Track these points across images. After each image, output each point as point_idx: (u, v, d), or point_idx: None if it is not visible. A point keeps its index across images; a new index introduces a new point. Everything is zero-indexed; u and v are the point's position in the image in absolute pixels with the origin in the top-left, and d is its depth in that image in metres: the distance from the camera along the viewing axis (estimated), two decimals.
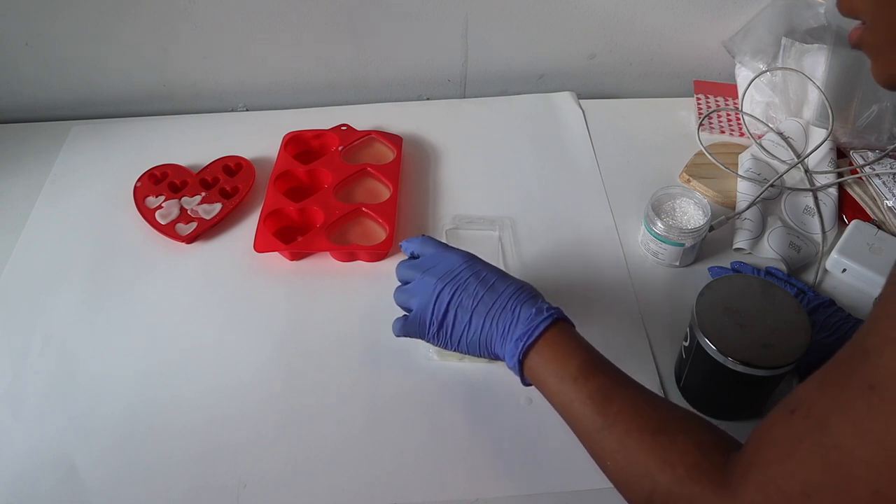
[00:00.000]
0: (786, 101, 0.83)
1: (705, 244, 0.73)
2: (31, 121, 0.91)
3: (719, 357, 0.53)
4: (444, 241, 0.75)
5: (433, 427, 0.61)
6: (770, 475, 0.37)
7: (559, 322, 0.53)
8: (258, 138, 0.86)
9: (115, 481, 0.58)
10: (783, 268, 0.71)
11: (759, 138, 0.83)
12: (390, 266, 0.73)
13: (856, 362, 0.35)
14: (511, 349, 0.52)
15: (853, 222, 0.74)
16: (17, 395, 0.64)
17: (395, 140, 0.84)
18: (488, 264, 0.57)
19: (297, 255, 0.74)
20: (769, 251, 0.72)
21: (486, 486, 0.58)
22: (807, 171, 0.80)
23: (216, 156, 0.83)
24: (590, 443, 0.48)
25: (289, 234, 0.75)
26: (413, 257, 0.61)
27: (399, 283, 0.60)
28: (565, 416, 0.50)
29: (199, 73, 0.91)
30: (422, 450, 0.60)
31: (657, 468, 0.43)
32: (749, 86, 0.84)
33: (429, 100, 0.97)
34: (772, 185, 0.77)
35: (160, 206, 0.78)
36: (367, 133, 0.85)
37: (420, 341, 0.62)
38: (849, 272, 0.71)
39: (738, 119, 0.88)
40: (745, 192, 0.77)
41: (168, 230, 0.76)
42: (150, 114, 0.92)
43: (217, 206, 0.78)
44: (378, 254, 0.73)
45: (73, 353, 0.67)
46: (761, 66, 0.84)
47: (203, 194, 0.79)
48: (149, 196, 0.79)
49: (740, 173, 0.79)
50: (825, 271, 0.73)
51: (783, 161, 0.80)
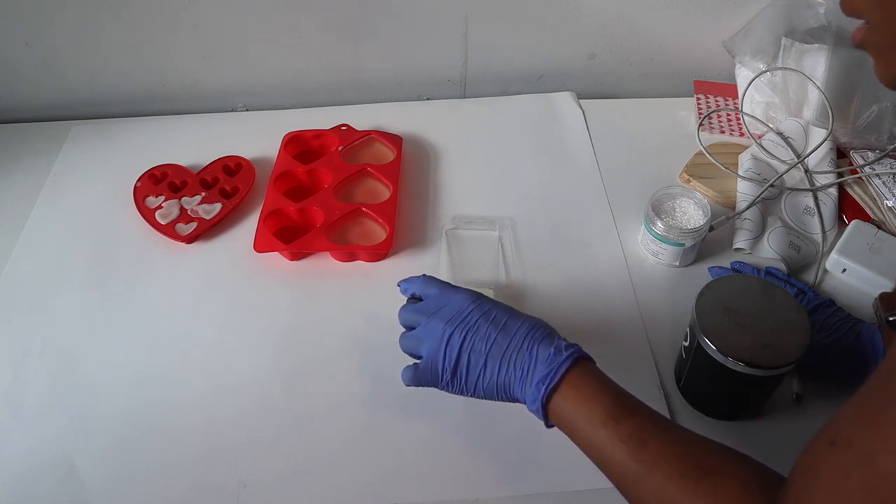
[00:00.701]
0: (786, 101, 0.83)
1: (705, 244, 0.73)
2: (31, 121, 0.91)
3: (719, 357, 0.53)
4: (443, 241, 0.75)
5: (433, 427, 0.61)
6: None
7: (581, 360, 0.50)
8: (258, 138, 0.86)
9: (115, 481, 0.58)
10: (783, 268, 0.71)
11: (759, 138, 0.83)
12: (390, 266, 0.74)
13: (891, 388, 0.34)
14: (533, 393, 0.49)
15: (853, 222, 0.74)
16: (17, 395, 0.64)
17: (395, 140, 0.84)
18: (497, 302, 0.54)
19: (297, 255, 0.74)
20: (769, 251, 0.72)
21: (486, 486, 0.58)
22: (807, 171, 0.80)
23: (216, 156, 0.83)
24: (626, 489, 0.46)
25: (289, 234, 0.75)
26: (414, 298, 0.59)
27: (403, 329, 0.57)
28: (597, 461, 0.47)
29: (199, 73, 0.91)
30: (422, 450, 0.60)
31: None
32: (749, 86, 0.84)
33: (429, 100, 0.97)
34: (772, 186, 0.77)
35: (160, 206, 0.78)
36: (367, 133, 0.85)
37: (401, 379, 0.61)
38: (849, 272, 0.71)
39: (738, 119, 0.88)
40: (745, 192, 0.77)
41: (168, 230, 0.76)
42: (150, 114, 0.92)
43: (217, 206, 0.78)
44: (378, 254, 0.73)
45: (73, 354, 0.67)
46: (761, 66, 0.84)
47: (203, 194, 0.79)
48: (149, 196, 0.79)
49: (740, 173, 0.79)
50: (825, 271, 0.73)
51: (783, 161, 0.80)
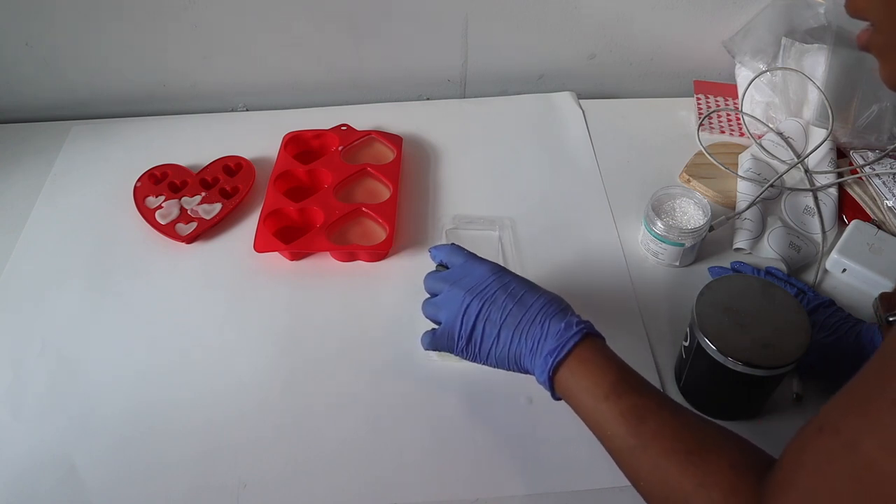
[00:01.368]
0: (786, 101, 0.83)
1: (705, 244, 0.73)
2: (31, 121, 0.91)
3: (719, 357, 0.53)
4: (444, 241, 0.75)
5: (433, 427, 0.61)
6: (804, 497, 0.36)
7: (589, 337, 0.51)
8: (258, 138, 0.86)
9: (116, 481, 0.58)
10: (783, 268, 0.71)
11: (759, 138, 0.83)
12: (390, 266, 0.74)
13: (882, 379, 0.34)
14: (541, 364, 0.51)
15: (853, 222, 0.74)
16: (17, 395, 0.64)
17: (395, 140, 0.84)
18: (517, 276, 0.56)
19: (297, 255, 0.74)
20: (769, 251, 0.72)
21: (486, 486, 0.58)
22: (807, 171, 0.80)
23: (216, 156, 0.83)
24: (623, 461, 0.47)
25: (289, 234, 0.75)
26: (441, 266, 0.60)
27: (427, 296, 0.59)
28: (597, 434, 0.49)
29: (199, 73, 0.91)
30: (422, 450, 0.60)
31: (692, 491, 0.42)
32: (749, 86, 0.84)
33: (429, 100, 0.97)
34: (772, 186, 0.77)
35: (160, 206, 0.78)
36: (367, 133, 0.85)
37: (418, 341, 0.62)
38: (849, 272, 0.71)
39: (738, 119, 0.88)
40: (744, 192, 0.77)
41: (168, 230, 0.76)
42: (150, 114, 0.92)
43: (217, 206, 0.78)
44: (378, 254, 0.73)
45: (72, 354, 0.67)
46: (761, 66, 0.84)
47: (203, 194, 0.79)
48: (149, 196, 0.79)
49: (740, 173, 0.79)
50: (825, 271, 0.73)
51: (783, 161, 0.80)
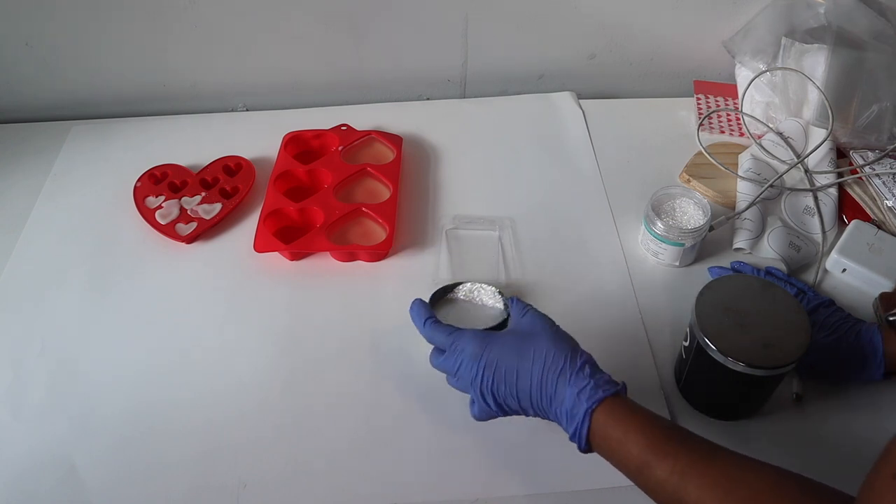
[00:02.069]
0: (786, 101, 0.83)
1: (705, 244, 0.73)
2: (31, 121, 0.91)
3: (719, 357, 0.53)
4: (443, 241, 0.75)
5: (433, 427, 0.61)
6: None
7: (599, 407, 0.48)
8: (258, 138, 0.86)
9: (116, 481, 0.58)
10: (783, 268, 0.71)
11: (759, 138, 0.83)
12: (390, 266, 0.74)
13: None
14: (570, 439, 0.50)
15: (853, 222, 0.74)
16: (18, 395, 0.64)
17: (395, 140, 0.84)
18: (502, 345, 0.53)
19: (297, 255, 0.74)
20: (769, 251, 0.72)
21: (486, 486, 0.58)
22: (807, 171, 0.80)
23: (216, 156, 0.83)
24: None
25: (289, 234, 0.75)
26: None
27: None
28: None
29: (199, 73, 0.91)
30: (422, 450, 0.60)
31: None
32: (749, 86, 0.84)
33: (429, 100, 0.97)
34: (771, 186, 0.77)
35: (160, 206, 0.78)
36: (367, 133, 0.85)
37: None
38: (849, 272, 0.71)
39: (737, 119, 0.88)
40: (744, 192, 0.77)
41: (168, 230, 0.76)
42: (150, 114, 0.92)
43: (217, 206, 0.78)
44: (378, 254, 0.73)
45: (72, 353, 0.67)
46: (761, 66, 0.84)
47: (203, 194, 0.79)
48: (149, 196, 0.79)
49: (740, 174, 0.79)
50: (825, 271, 0.73)
51: (783, 161, 0.80)
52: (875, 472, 0.36)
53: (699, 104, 0.91)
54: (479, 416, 0.54)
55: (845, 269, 0.71)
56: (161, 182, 0.81)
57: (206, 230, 0.76)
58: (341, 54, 0.90)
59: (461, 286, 0.67)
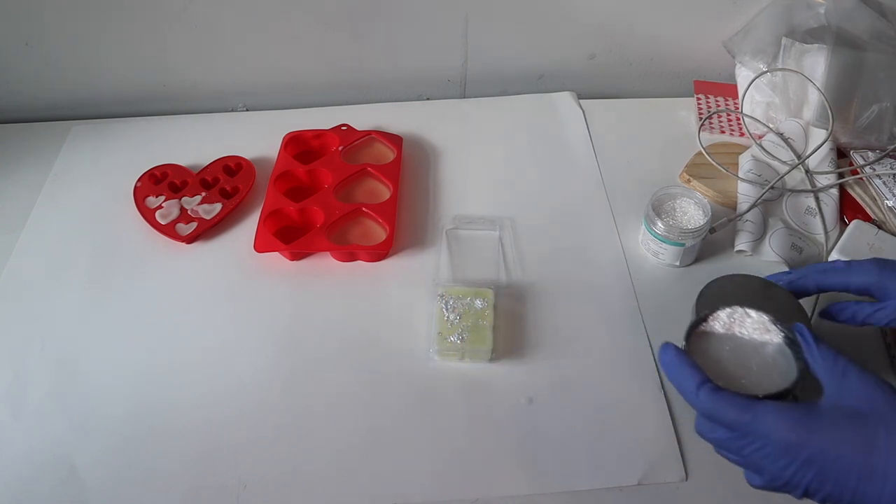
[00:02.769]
0: (786, 101, 0.83)
1: (706, 244, 0.73)
2: (31, 121, 0.91)
3: None
4: (443, 241, 0.75)
5: (433, 427, 0.61)
6: None
7: None
8: (258, 138, 0.86)
9: (116, 481, 0.58)
10: (784, 268, 0.71)
11: (760, 139, 0.83)
12: (390, 266, 0.74)
13: None
14: None
15: (853, 222, 0.74)
16: (18, 395, 0.64)
17: (395, 140, 0.84)
18: (832, 439, 0.40)
19: (297, 255, 0.74)
20: (771, 253, 0.72)
21: (486, 486, 0.58)
22: (808, 171, 0.80)
23: (216, 156, 0.83)
24: None
25: (289, 234, 0.75)
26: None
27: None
28: None
29: (199, 73, 0.91)
30: (422, 450, 0.60)
31: None
32: (749, 86, 0.84)
33: (429, 100, 0.97)
34: (772, 187, 0.77)
35: (160, 206, 0.78)
36: (367, 133, 0.85)
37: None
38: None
39: (738, 119, 0.88)
40: (745, 193, 0.77)
41: (168, 230, 0.76)
42: (149, 114, 0.92)
43: (217, 206, 0.78)
44: (378, 254, 0.73)
45: (73, 354, 0.67)
46: (761, 67, 0.84)
47: (203, 194, 0.79)
48: (149, 196, 0.79)
49: (740, 175, 0.79)
50: None
51: (784, 162, 0.80)
52: None
53: (699, 104, 0.91)
54: (763, 487, 0.44)
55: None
56: (161, 182, 0.81)
57: (207, 230, 0.76)
58: (341, 54, 0.90)
59: (717, 315, 0.51)
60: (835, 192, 0.78)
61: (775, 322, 0.49)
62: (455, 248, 0.75)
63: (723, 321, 0.50)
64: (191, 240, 0.75)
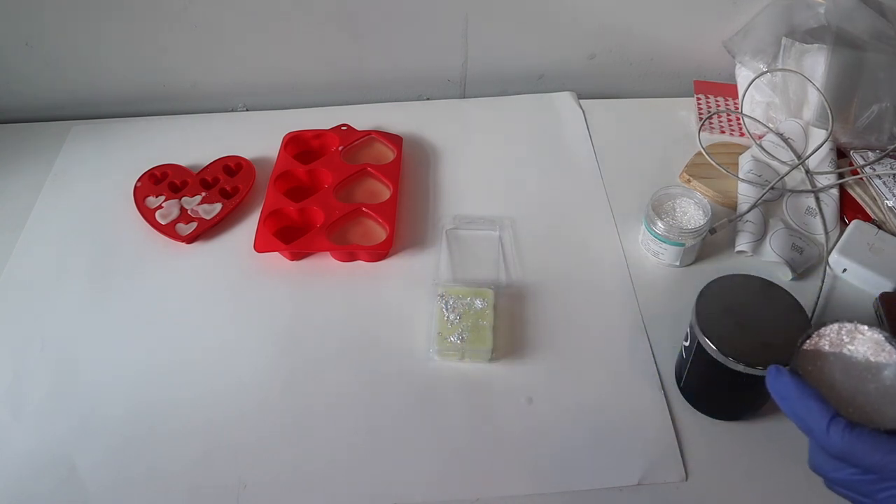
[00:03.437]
0: (786, 101, 0.83)
1: (706, 245, 0.73)
2: (31, 121, 0.91)
3: (719, 357, 0.53)
4: (443, 241, 0.75)
5: (433, 427, 0.61)
6: None
7: None
8: (258, 138, 0.86)
9: (116, 481, 0.58)
10: (786, 270, 0.71)
11: (760, 139, 0.83)
12: (390, 266, 0.74)
13: None
14: None
15: (853, 222, 0.74)
16: (18, 396, 0.64)
17: (395, 140, 0.84)
18: None
19: (297, 255, 0.74)
20: (771, 254, 0.72)
21: (486, 486, 0.58)
22: (808, 172, 0.80)
23: (216, 156, 0.83)
24: None
25: (289, 234, 0.75)
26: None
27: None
28: None
29: (199, 73, 0.91)
30: (422, 450, 0.60)
31: None
32: (749, 86, 0.84)
33: (429, 100, 0.97)
34: (772, 188, 0.77)
35: (160, 206, 0.78)
36: (367, 133, 0.85)
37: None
38: (849, 272, 0.71)
39: (738, 119, 0.88)
40: (746, 194, 0.77)
41: (168, 230, 0.76)
42: (150, 114, 0.92)
43: (217, 206, 0.78)
44: (378, 254, 0.73)
45: (73, 354, 0.67)
46: (761, 67, 0.84)
47: (203, 194, 0.79)
48: (149, 196, 0.79)
49: (741, 175, 0.79)
50: (831, 272, 0.72)
51: (784, 162, 0.80)
52: None
53: (699, 104, 0.91)
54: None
55: (846, 270, 0.71)
56: (161, 182, 0.81)
57: (207, 230, 0.76)
58: (341, 54, 0.90)
59: (824, 331, 0.45)
60: (835, 192, 0.78)
61: (891, 340, 0.43)
62: (455, 248, 0.75)
63: (830, 338, 0.44)
64: (191, 240, 0.75)
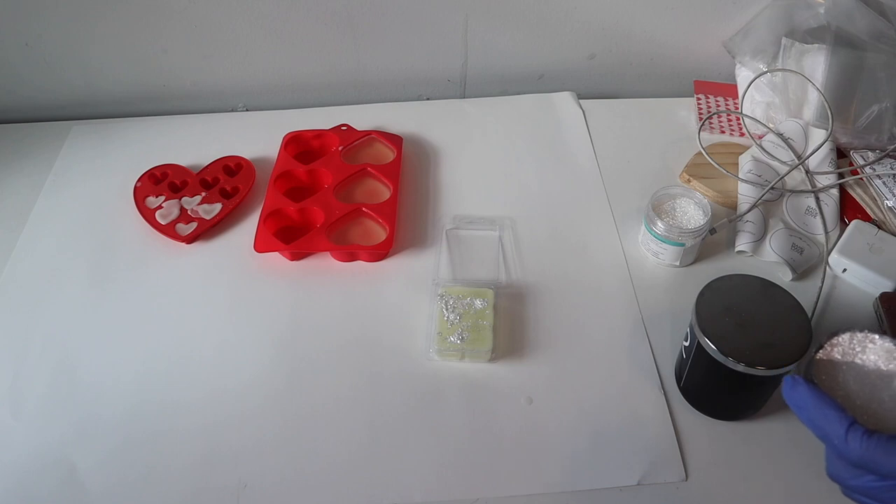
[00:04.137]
0: (786, 101, 0.83)
1: (706, 245, 0.73)
2: (31, 121, 0.91)
3: (719, 357, 0.53)
4: (443, 241, 0.75)
5: (433, 427, 0.61)
6: None
7: None
8: (258, 138, 0.86)
9: (116, 482, 0.58)
10: (787, 270, 0.71)
11: (760, 139, 0.83)
12: (390, 266, 0.74)
13: None
14: None
15: (853, 222, 0.74)
16: (18, 396, 0.64)
17: (395, 140, 0.84)
18: None
19: (297, 255, 0.74)
20: (771, 254, 0.72)
21: (486, 486, 0.58)
22: (808, 172, 0.80)
23: (216, 156, 0.83)
24: None
25: (289, 234, 0.75)
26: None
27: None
28: None
29: (199, 73, 0.91)
30: (422, 450, 0.60)
31: None
32: (749, 86, 0.84)
33: (429, 100, 0.97)
34: (772, 188, 0.77)
35: (160, 206, 0.78)
36: (367, 133, 0.85)
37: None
38: (849, 272, 0.71)
39: (738, 119, 0.88)
40: (746, 194, 0.77)
41: (168, 230, 0.76)
42: (150, 114, 0.92)
43: (217, 206, 0.78)
44: (378, 254, 0.73)
45: (73, 354, 0.67)
46: (761, 67, 0.84)
47: (203, 194, 0.79)
48: (149, 196, 0.79)
49: (741, 175, 0.79)
50: (831, 272, 0.72)
51: (784, 162, 0.80)
52: None
53: (699, 104, 0.91)
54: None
55: (846, 269, 0.71)
56: (161, 182, 0.81)
57: (207, 230, 0.76)
58: (341, 54, 0.90)
59: (837, 340, 0.46)
60: (835, 192, 0.78)
61: None
62: (455, 248, 0.75)
63: (843, 348, 0.44)
64: (191, 240, 0.75)
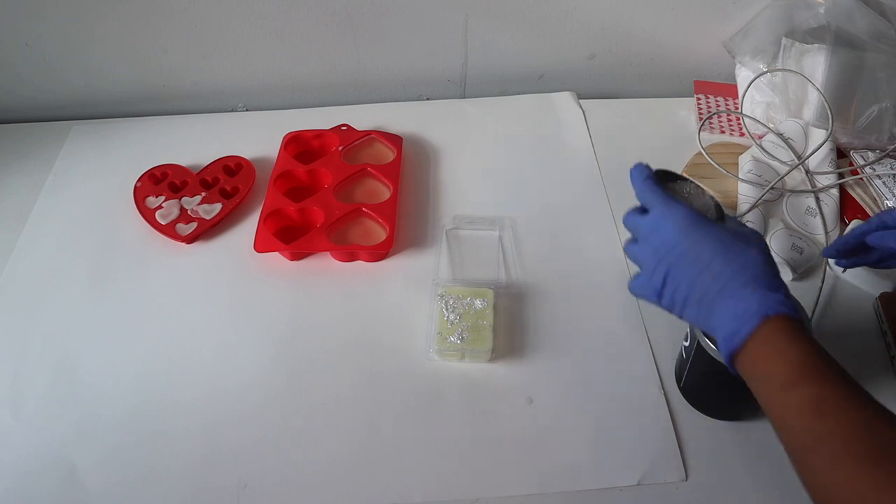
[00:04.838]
0: (786, 101, 0.83)
1: None
2: (31, 121, 0.91)
3: (719, 357, 0.53)
4: (443, 241, 0.75)
5: (433, 427, 0.61)
6: None
7: (775, 318, 0.44)
8: (258, 138, 0.86)
9: (116, 482, 0.58)
10: (787, 271, 0.71)
11: (760, 139, 0.83)
12: (390, 266, 0.74)
13: None
14: (720, 344, 0.47)
15: (853, 222, 0.74)
16: (18, 396, 0.64)
17: (395, 140, 0.84)
18: (712, 233, 0.49)
19: (297, 255, 0.74)
20: (771, 254, 0.72)
21: (486, 486, 0.58)
22: (808, 172, 0.80)
23: (216, 156, 0.83)
24: (795, 461, 0.42)
25: (289, 234, 0.75)
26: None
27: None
28: (774, 427, 0.43)
29: (199, 73, 0.91)
30: (422, 450, 0.60)
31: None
32: (749, 86, 0.84)
33: (429, 100, 0.97)
34: (772, 188, 0.76)
35: (160, 206, 0.78)
36: (367, 133, 0.85)
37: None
38: (849, 272, 0.71)
39: (738, 119, 0.88)
40: (746, 194, 0.77)
41: (168, 230, 0.76)
42: (150, 114, 0.92)
43: (217, 206, 0.78)
44: (378, 254, 0.73)
45: (73, 354, 0.67)
46: (761, 67, 0.84)
47: (203, 194, 0.79)
48: (149, 196, 0.79)
49: (741, 175, 0.79)
50: (831, 272, 0.72)
51: (784, 162, 0.80)
52: None
53: (699, 104, 0.91)
54: (638, 292, 0.53)
55: (846, 269, 0.71)
56: (161, 182, 0.81)
57: (207, 230, 0.76)
58: (341, 54, 0.90)
59: (685, 182, 0.58)
60: (835, 192, 0.78)
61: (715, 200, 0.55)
62: (455, 248, 0.75)
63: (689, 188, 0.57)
64: (191, 240, 0.75)
